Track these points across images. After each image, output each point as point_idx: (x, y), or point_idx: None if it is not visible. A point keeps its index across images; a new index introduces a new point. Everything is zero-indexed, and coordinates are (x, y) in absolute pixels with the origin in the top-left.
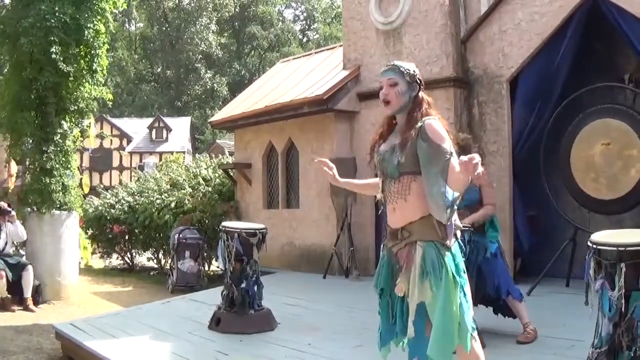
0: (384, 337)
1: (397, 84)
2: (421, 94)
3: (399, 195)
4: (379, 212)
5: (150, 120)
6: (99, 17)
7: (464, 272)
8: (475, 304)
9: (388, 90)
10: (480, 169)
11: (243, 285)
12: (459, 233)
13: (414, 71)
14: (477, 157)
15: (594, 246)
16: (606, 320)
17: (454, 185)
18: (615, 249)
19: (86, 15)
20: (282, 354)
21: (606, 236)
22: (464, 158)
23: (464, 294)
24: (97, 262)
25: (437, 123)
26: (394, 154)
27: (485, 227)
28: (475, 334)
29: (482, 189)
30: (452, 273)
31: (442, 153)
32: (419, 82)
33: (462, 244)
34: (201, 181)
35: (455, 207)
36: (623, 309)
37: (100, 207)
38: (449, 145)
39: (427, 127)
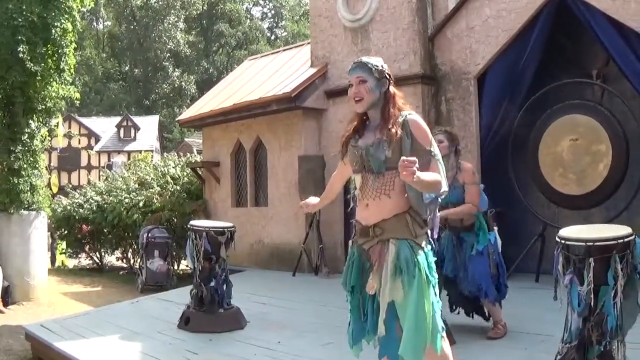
0: (356, 335)
1: (366, 81)
2: (392, 88)
3: (381, 191)
4: (349, 208)
5: (118, 119)
6: (66, 16)
7: (435, 271)
8: (455, 302)
9: (358, 88)
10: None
11: (212, 284)
12: (429, 231)
13: (382, 66)
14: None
15: (563, 241)
16: (575, 315)
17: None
18: (583, 244)
19: (53, 14)
20: (252, 353)
21: (574, 231)
22: (407, 158)
23: (435, 293)
24: (67, 262)
25: (420, 119)
26: (380, 149)
27: (475, 226)
28: (444, 333)
29: (465, 186)
30: (425, 272)
31: (424, 151)
32: (388, 77)
33: (432, 242)
34: (169, 180)
35: (438, 202)
36: (592, 304)
37: (68, 207)
38: (431, 143)
39: (411, 123)
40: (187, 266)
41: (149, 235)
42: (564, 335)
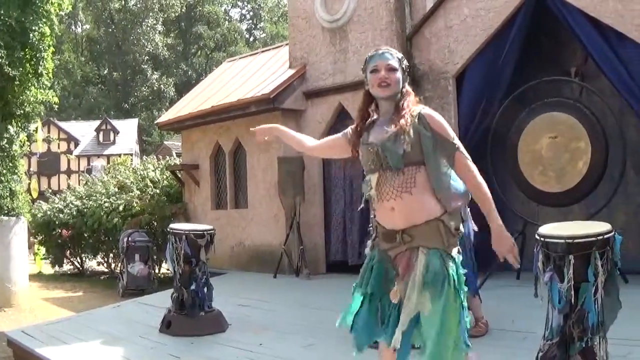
0: (361, 338)
1: (396, 70)
2: (408, 87)
3: (402, 189)
4: (358, 209)
5: (97, 122)
6: (44, 20)
7: (464, 283)
8: None
9: (388, 74)
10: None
11: (192, 287)
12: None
13: (405, 62)
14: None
15: (542, 239)
16: (556, 312)
17: (465, 182)
18: (563, 241)
19: (31, 18)
20: (234, 355)
21: (554, 228)
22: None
23: (463, 307)
24: (47, 268)
25: (437, 114)
26: (398, 143)
27: None
28: (471, 354)
29: None
30: (455, 285)
31: (449, 143)
32: (408, 72)
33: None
34: (149, 183)
35: (469, 197)
36: (573, 301)
37: (48, 212)
38: (452, 134)
39: (427, 117)
40: (167, 270)
41: (129, 239)
42: (545, 332)
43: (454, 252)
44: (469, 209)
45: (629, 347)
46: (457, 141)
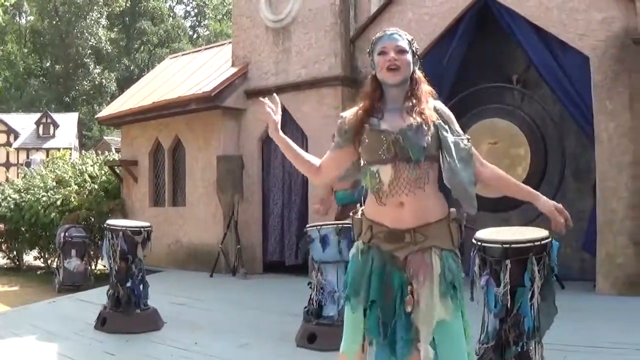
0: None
1: (406, 52)
2: (419, 72)
3: (416, 184)
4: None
5: (37, 115)
6: None
7: None
8: None
9: (398, 56)
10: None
11: (128, 284)
12: None
13: (415, 44)
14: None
15: (479, 243)
16: (492, 316)
17: (491, 182)
18: (500, 246)
19: None
20: (169, 353)
21: (492, 233)
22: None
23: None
24: None
25: (448, 109)
26: (421, 134)
27: None
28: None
29: None
30: (462, 289)
31: (461, 139)
32: (418, 55)
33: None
34: (87, 178)
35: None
36: (509, 305)
37: None
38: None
39: (443, 111)
40: (104, 266)
41: (66, 234)
42: (481, 336)
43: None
44: None
45: (565, 352)
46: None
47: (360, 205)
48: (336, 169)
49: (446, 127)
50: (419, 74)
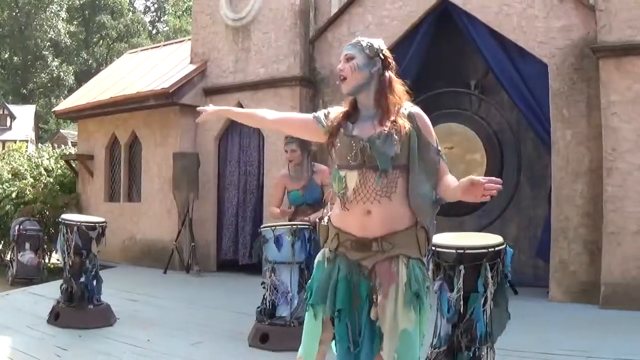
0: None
1: (353, 58)
2: (389, 73)
3: (383, 193)
4: (324, 207)
5: None
6: None
7: None
8: None
9: (344, 65)
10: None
11: (82, 279)
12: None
13: (378, 46)
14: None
15: (433, 248)
16: (445, 320)
17: (445, 194)
18: (454, 251)
19: None
20: (121, 350)
21: (446, 238)
22: (480, 179)
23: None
24: None
25: (425, 115)
26: (389, 143)
27: None
28: None
29: (324, 188)
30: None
31: (433, 151)
32: (383, 57)
33: None
34: (43, 172)
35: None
36: (462, 310)
37: None
38: (436, 142)
39: (417, 116)
40: (57, 260)
41: (21, 227)
42: (433, 341)
43: (425, 263)
44: None
45: (517, 357)
46: (439, 147)
47: (318, 208)
48: (292, 128)
49: (417, 135)
50: (389, 76)
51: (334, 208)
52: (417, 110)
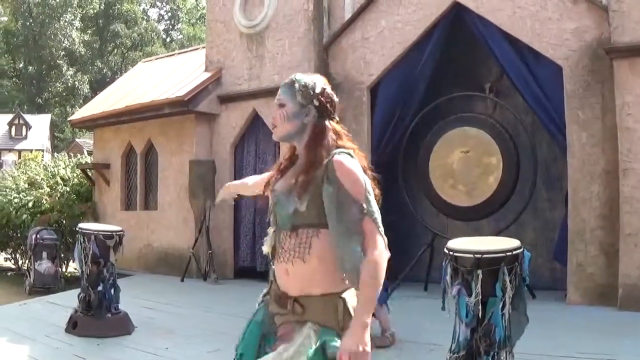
0: None
1: (284, 105)
2: (327, 122)
3: (295, 254)
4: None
5: (10, 116)
6: None
7: None
8: None
9: (275, 112)
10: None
11: (100, 288)
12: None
13: (312, 90)
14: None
15: (451, 253)
16: (463, 325)
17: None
18: (472, 256)
19: None
20: (140, 358)
21: (463, 243)
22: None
23: None
24: None
25: (350, 160)
26: (290, 199)
27: None
28: None
29: None
30: None
31: (354, 204)
32: (319, 103)
33: None
34: (59, 181)
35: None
36: (480, 315)
37: None
38: (364, 193)
39: (337, 164)
40: (75, 269)
41: (38, 236)
42: (452, 345)
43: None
44: None
45: None
46: (370, 204)
47: None
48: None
49: (331, 188)
50: (323, 124)
51: None
52: (339, 157)
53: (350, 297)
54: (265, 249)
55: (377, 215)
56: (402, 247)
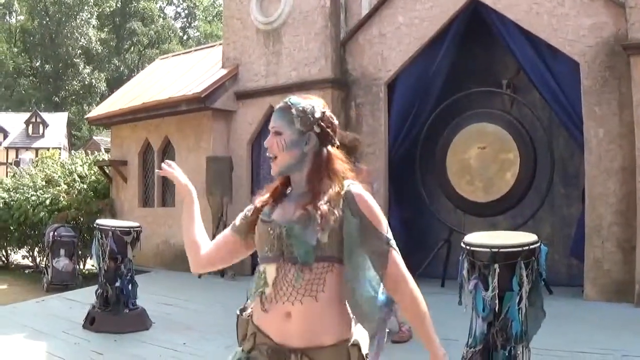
0: None
1: (281, 134)
2: (330, 149)
3: (306, 291)
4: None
5: (27, 115)
6: None
7: None
8: None
9: (271, 140)
10: None
11: (117, 284)
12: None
13: (312, 115)
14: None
15: (468, 247)
16: (480, 320)
17: (394, 296)
18: (489, 250)
19: None
20: (157, 354)
21: (480, 238)
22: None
23: None
24: None
25: (369, 195)
26: (310, 229)
27: None
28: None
29: None
30: None
31: (379, 238)
32: (320, 130)
33: None
34: (77, 178)
35: (392, 311)
36: (497, 309)
37: None
38: (387, 226)
39: (357, 197)
40: (92, 266)
41: (55, 233)
42: (469, 340)
43: None
44: None
45: (552, 357)
46: (390, 234)
47: None
48: (226, 257)
49: (355, 220)
50: (327, 151)
51: (254, 305)
52: (357, 189)
53: (362, 338)
54: (267, 289)
55: (394, 243)
56: (419, 243)
